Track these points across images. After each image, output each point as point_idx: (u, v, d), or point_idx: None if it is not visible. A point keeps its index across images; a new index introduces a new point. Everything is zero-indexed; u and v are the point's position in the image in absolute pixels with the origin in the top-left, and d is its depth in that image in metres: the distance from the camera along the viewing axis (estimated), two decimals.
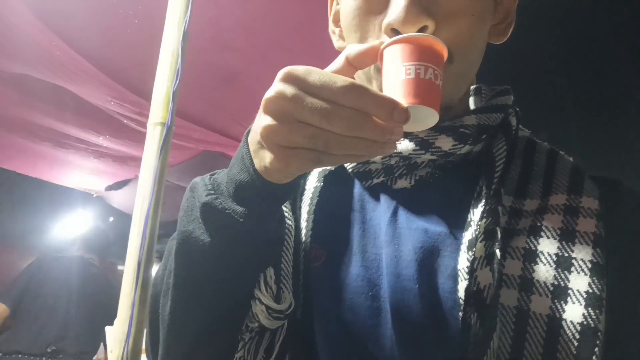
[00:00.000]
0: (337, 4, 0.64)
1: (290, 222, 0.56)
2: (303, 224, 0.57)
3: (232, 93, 2.26)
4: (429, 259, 0.50)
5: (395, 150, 0.53)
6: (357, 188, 0.59)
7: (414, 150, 0.54)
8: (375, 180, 0.57)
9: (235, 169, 0.48)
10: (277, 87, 0.40)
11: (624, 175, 0.56)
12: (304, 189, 0.60)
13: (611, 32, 2.26)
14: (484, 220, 0.48)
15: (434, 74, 0.45)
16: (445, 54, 0.46)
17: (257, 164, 0.45)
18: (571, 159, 0.56)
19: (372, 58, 0.44)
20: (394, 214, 0.54)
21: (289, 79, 0.40)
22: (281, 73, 0.40)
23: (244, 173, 0.46)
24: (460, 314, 0.45)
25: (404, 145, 0.54)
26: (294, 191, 0.56)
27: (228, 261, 0.49)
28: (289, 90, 0.39)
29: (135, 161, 3.13)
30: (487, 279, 0.45)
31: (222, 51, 1.99)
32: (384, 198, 0.56)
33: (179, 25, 1.20)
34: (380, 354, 0.49)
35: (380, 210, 0.56)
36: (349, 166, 0.59)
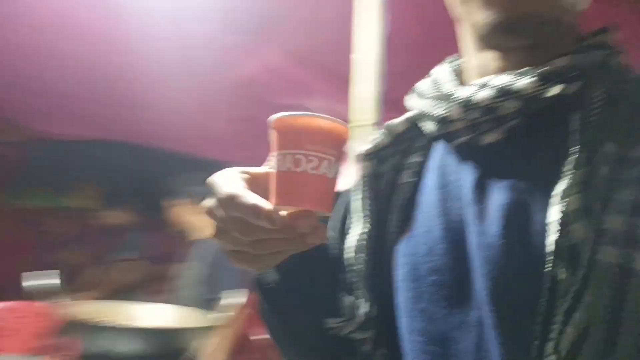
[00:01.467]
0: None
1: (366, 225, 0.57)
2: (394, 215, 0.57)
3: None
4: (515, 215, 0.46)
5: (473, 101, 0.50)
6: (438, 152, 0.57)
7: (492, 98, 0.49)
8: (462, 139, 0.52)
9: None
10: (209, 199, 0.46)
11: None
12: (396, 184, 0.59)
13: None
14: (579, 169, 0.43)
15: (294, 160, 0.38)
16: (323, 127, 0.39)
17: None
18: None
19: None
20: (481, 172, 0.51)
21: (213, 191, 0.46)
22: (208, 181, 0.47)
23: None
24: (549, 268, 0.42)
25: (481, 95, 0.49)
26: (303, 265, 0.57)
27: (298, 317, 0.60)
28: (213, 202, 0.45)
29: None
30: (583, 233, 0.41)
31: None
32: (469, 157, 0.53)
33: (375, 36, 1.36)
34: (466, 315, 0.49)
35: (465, 170, 0.52)
36: (433, 128, 0.55)
